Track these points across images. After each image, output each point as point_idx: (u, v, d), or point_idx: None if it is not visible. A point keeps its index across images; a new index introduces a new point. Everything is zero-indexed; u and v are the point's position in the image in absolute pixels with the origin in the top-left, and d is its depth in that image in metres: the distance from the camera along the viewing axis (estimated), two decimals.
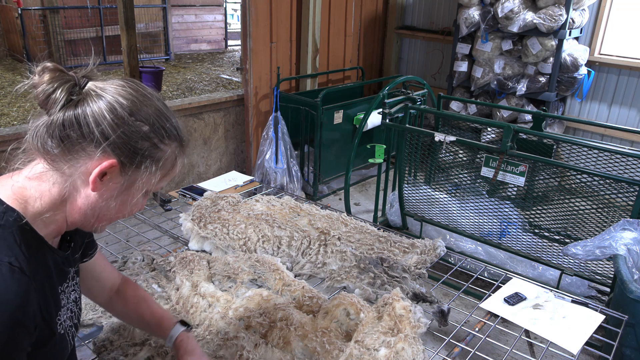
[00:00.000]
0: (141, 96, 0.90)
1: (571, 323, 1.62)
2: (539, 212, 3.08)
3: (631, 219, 2.40)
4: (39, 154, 0.88)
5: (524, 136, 3.24)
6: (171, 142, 0.93)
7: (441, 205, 3.41)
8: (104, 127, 0.85)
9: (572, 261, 2.87)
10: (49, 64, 0.86)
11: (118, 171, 0.89)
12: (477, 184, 3.32)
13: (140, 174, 0.91)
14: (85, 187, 0.89)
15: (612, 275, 2.75)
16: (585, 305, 1.72)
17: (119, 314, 1.32)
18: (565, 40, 4.08)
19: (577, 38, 4.43)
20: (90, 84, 0.88)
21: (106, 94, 0.87)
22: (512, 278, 1.88)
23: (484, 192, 3.30)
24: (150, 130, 0.89)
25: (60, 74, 0.86)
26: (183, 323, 1.28)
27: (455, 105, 4.88)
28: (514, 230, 3.17)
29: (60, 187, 0.89)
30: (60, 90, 0.85)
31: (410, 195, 3.59)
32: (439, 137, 3.07)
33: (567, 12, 3.97)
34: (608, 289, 2.81)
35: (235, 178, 2.78)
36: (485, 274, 2.17)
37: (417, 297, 1.68)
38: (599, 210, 2.81)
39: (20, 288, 0.81)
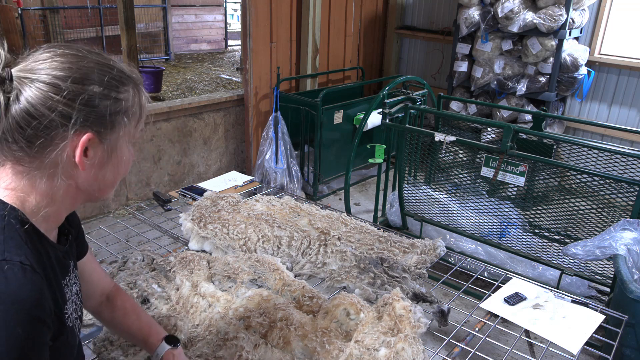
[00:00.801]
0: (73, 58, 0.84)
1: (571, 323, 1.62)
2: (539, 212, 3.08)
3: (631, 219, 2.40)
4: (12, 164, 0.85)
5: (524, 136, 3.24)
6: (126, 87, 0.90)
7: (441, 205, 3.41)
8: (60, 109, 0.81)
9: (572, 261, 2.87)
10: None
11: (97, 141, 0.87)
12: (477, 184, 3.32)
13: (117, 132, 0.89)
14: (75, 169, 0.88)
15: (612, 275, 2.75)
16: (585, 305, 1.71)
17: (107, 322, 1.30)
18: (565, 40, 4.08)
19: (577, 38, 4.43)
20: (15, 72, 0.81)
21: (39, 74, 0.81)
22: (512, 278, 1.88)
23: (484, 192, 3.30)
24: (103, 88, 0.85)
25: None
26: (169, 340, 1.26)
27: (455, 105, 4.88)
28: (514, 230, 3.17)
29: (50, 181, 0.87)
30: None
31: (410, 195, 3.59)
32: (439, 137, 3.07)
33: (567, 12, 3.97)
34: (608, 289, 2.81)
35: (235, 178, 2.78)
36: (485, 274, 2.17)
37: (417, 297, 1.68)
38: (599, 210, 2.81)
39: (35, 285, 0.81)
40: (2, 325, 0.75)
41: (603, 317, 1.66)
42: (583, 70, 4.30)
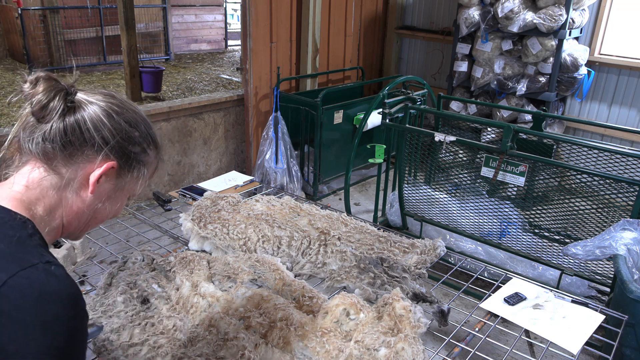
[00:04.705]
0: (128, 105, 0.98)
1: (571, 323, 1.62)
2: (539, 212, 3.08)
3: (631, 219, 2.40)
4: (38, 161, 0.90)
5: (524, 136, 3.24)
6: (154, 147, 1.01)
7: (441, 205, 3.41)
8: (104, 133, 0.91)
9: (572, 261, 2.87)
10: (42, 74, 0.89)
11: (115, 174, 0.95)
12: (477, 184, 3.32)
13: (132, 176, 0.98)
14: (82, 190, 0.93)
15: (612, 275, 2.75)
16: (585, 305, 1.72)
17: None
18: (565, 40, 4.08)
19: (577, 38, 4.43)
20: (79, 94, 0.92)
21: (99, 102, 0.92)
22: (512, 278, 1.88)
23: (484, 192, 3.30)
24: (140, 136, 0.97)
25: (54, 83, 0.89)
26: None
27: (455, 105, 4.88)
28: (514, 230, 3.17)
29: (58, 192, 0.92)
30: (57, 98, 0.88)
31: (410, 195, 3.59)
32: (439, 137, 3.07)
33: (567, 12, 3.97)
34: (608, 289, 2.81)
35: (235, 178, 2.78)
36: (485, 274, 2.17)
37: (417, 297, 1.68)
38: (599, 210, 2.81)
39: (74, 282, 0.85)
40: (64, 321, 0.78)
41: (603, 317, 1.66)
42: (583, 70, 4.30)
